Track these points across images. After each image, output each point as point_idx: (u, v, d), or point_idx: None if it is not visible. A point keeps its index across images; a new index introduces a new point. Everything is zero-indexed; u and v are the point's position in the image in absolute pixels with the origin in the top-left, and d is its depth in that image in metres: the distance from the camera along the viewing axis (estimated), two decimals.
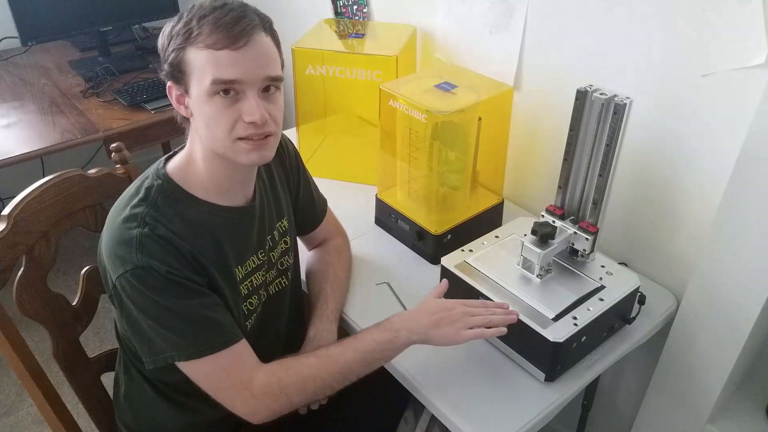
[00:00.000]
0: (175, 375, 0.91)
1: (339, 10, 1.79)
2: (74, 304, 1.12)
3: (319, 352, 0.95)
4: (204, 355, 0.88)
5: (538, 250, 1.03)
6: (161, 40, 0.88)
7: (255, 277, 1.02)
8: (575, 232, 1.07)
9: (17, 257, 1.02)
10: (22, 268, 1.03)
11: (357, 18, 1.75)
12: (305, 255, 1.23)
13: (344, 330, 1.14)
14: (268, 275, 1.06)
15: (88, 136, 1.77)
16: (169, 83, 0.89)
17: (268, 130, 0.88)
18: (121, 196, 0.94)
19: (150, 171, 0.95)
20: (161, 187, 0.91)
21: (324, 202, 1.23)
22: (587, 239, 1.05)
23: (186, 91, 0.87)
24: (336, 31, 1.62)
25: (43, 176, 1.07)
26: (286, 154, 1.11)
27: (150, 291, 0.85)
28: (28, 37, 2.02)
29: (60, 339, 1.08)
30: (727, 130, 1.05)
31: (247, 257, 1.00)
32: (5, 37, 2.22)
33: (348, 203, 1.39)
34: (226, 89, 0.84)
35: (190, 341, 0.88)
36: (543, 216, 1.10)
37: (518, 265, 1.09)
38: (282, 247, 1.09)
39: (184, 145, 0.96)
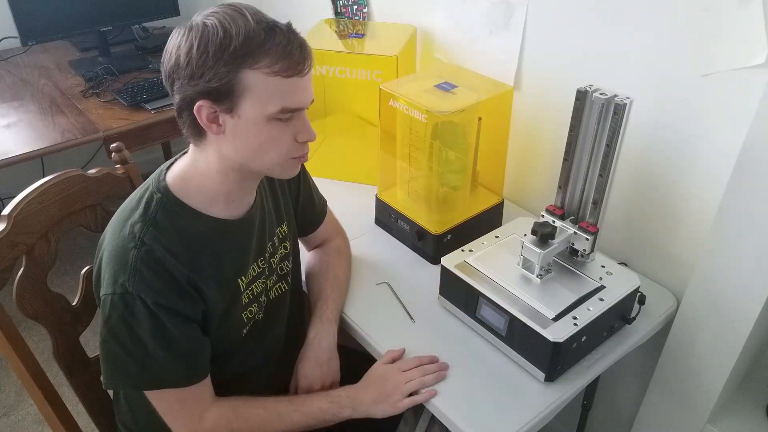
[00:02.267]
0: None
1: (339, 10, 1.79)
2: (74, 304, 1.12)
3: (269, 404, 0.97)
4: (164, 387, 0.90)
5: (538, 250, 1.03)
6: (188, 57, 0.80)
7: (256, 285, 1.02)
8: (575, 232, 1.06)
9: (17, 257, 1.02)
10: (22, 268, 1.03)
11: (357, 18, 1.75)
12: (305, 255, 1.23)
13: (344, 330, 1.14)
14: (268, 281, 1.06)
15: (88, 136, 1.77)
16: (201, 102, 0.82)
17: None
18: (123, 204, 0.93)
19: (151, 180, 0.93)
20: (160, 201, 0.90)
21: (324, 203, 1.22)
22: (587, 239, 1.05)
23: (229, 111, 0.83)
24: (336, 31, 1.62)
25: (43, 176, 1.07)
26: None
27: (131, 318, 0.85)
28: (28, 37, 2.02)
29: (60, 339, 1.08)
30: (727, 130, 1.05)
31: (248, 267, 1.00)
32: (5, 37, 2.22)
33: (348, 203, 1.39)
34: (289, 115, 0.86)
35: (149, 372, 0.88)
36: (543, 216, 1.10)
37: (518, 265, 1.09)
38: (282, 253, 1.09)
39: (185, 152, 0.95)
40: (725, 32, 1.00)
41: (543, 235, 1.03)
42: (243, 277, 0.98)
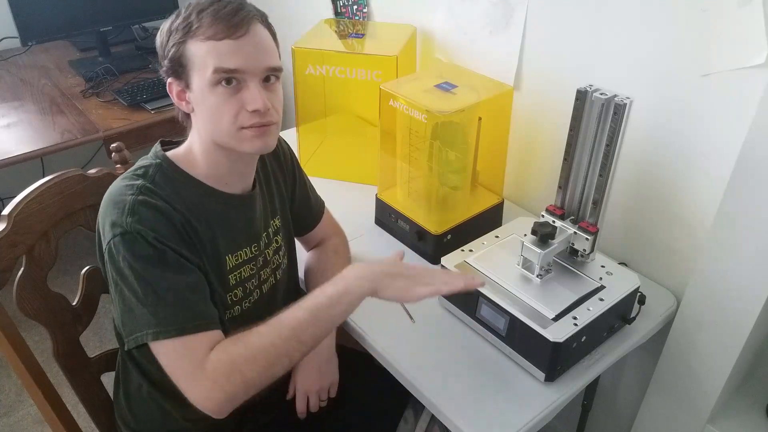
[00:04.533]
0: None
1: (339, 10, 1.79)
2: (74, 304, 1.12)
3: (270, 320, 0.87)
4: (172, 335, 0.84)
5: (538, 250, 1.03)
6: (160, 38, 0.90)
7: (244, 270, 1.01)
8: (575, 232, 1.06)
9: (17, 257, 1.02)
10: (22, 268, 1.03)
11: (357, 18, 1.75)
12: (304, 255, 1.23)
13: (344, 330, 1.14)
14: (262, 273, 1.06)
15: (88, 136, 1.77)
16: (169, 80, 0.90)
17: (270, 119, 0.90)
18: (117, 179, 0.94)
19: (149, 155, 0.96)
20: (159, 165, 0.93)
21: (321, 204, 1.22)
22: (587, 239, 1.05)
23: (187, 86, 0.89)
24: (336, 31, 1.62)
25: (43, 176, 1.07)
26: (281, 152, 1.12)
27: (134, 259, 0.84)
28: (28, 37, 2.02)
29: (60, 339, 1.08)
30: (727, 130, 1.05)
31: (240, 247, 1.00)
32: (5, 37, 2.22)
33: (348, 203, 1.39)
34: (228, 79, 0.86)
35: (161, 319, 0.84)
36: (543, 216, 1.10)
37: (518, 265, 1.09)
38: (274, 246, 1.09)
39: (185, 139, 0.97)
40: (725, 32, 1.00)
41: (543, 235, 1.03)
42: (230, 255, 0.98)
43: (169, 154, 0.95)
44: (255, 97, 0.87)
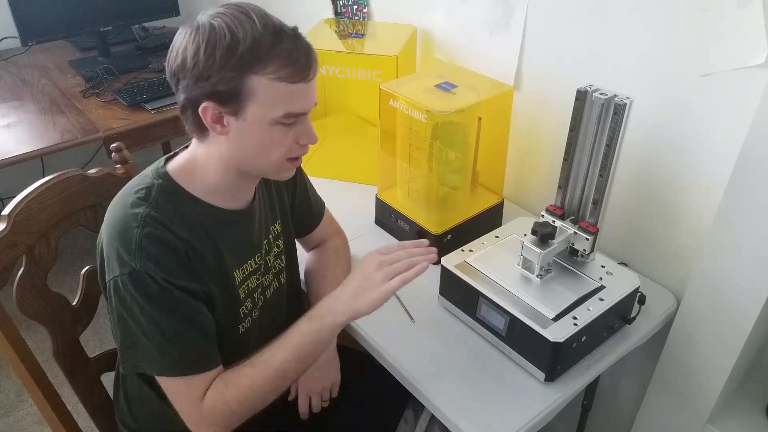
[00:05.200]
0: None
1: (339, 10, 1.79)
2: (74, 304, 1.12)
3: (254, 359, 0.93)
4: (175, 374, 0.89)
5: (538, 250, 1.03)
6: (193, 59, 0.80)
7: (251, 281, 1.02)
8: (575, 232, 1.06)
9: (17, 257, 1.02)
10: (22, 268, 1.03)
11: (357, 18, 1.75)
12: (304, 256, 1.23)
13: (344, 330, 1.14)
14: (264, 279, 1.06)
15: (88, 136, 1.77)
16: (205, 104, 0.83)
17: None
18: (120, 192, 0.94)
19: (149, 170, 0.94)
20: (161, 186, 0.91)
21: (322, 205, 1.22)
22: (587, 239, 1.05)
23: (235, 114, 0.84)
24: (336, 31, 1.62)
25: (43, 176, 1.07)
26: None
27: (141, 298, 0.85)
28: (28, 37, 2.02)
29: (60, 339, 1.08)
30: (727, 130, 1.05)
31: (245, 260, 1.00)
32: (5, 37, 2.22)
33: (348, 203, 1.39)
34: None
35: (165, 358, 0.88)
36: (543, 216, 1.10)
37: (518, 265, 1.09)
38: (276, 251, 1.09)
39: (186, 146, 0.96)
40: (725, 32, 1.00)
41: (543, 235, 1.03)
42: (238, 270, 0.98)
43: (171, 169, 0.93)
44: (311, 133, 0.90)
